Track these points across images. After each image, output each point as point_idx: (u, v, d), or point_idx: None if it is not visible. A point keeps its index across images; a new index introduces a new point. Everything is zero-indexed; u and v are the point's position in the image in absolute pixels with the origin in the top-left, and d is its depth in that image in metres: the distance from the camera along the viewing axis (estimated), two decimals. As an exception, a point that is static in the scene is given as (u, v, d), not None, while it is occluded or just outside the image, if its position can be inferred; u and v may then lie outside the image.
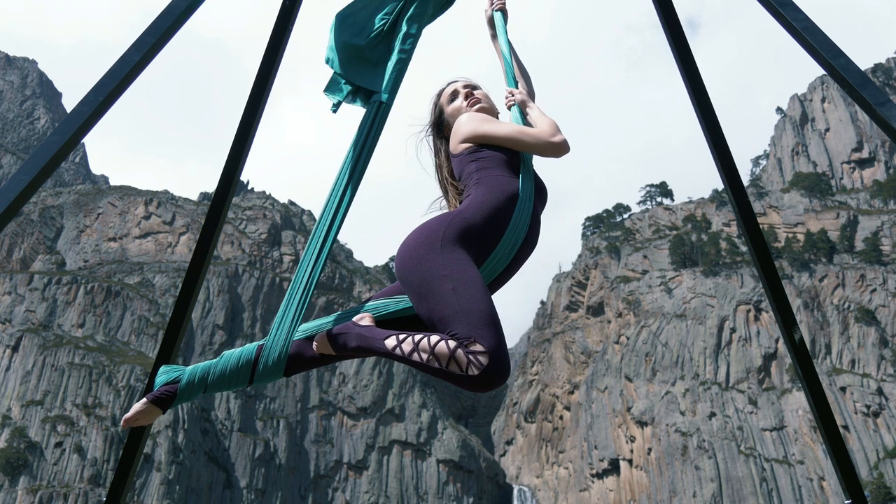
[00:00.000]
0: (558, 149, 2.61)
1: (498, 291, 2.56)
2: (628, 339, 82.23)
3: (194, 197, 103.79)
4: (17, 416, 63.82)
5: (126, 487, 2.78)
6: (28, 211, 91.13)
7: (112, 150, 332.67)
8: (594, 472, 76.94)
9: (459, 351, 2.12)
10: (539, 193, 2.63)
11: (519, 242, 2.47)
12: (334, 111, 3.02)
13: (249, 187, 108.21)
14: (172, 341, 2.81)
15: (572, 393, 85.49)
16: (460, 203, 2.59)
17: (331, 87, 3.03)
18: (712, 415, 71.71)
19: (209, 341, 77.41)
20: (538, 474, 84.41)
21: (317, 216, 2.77)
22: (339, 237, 2.71)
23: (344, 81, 2.99)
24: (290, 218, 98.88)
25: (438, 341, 2.16)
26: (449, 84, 2.95)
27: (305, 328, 2.51)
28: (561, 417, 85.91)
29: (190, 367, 2.50)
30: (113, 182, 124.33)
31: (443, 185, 2.84)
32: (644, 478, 72.66)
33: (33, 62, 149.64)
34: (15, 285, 76.80)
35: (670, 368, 77.25)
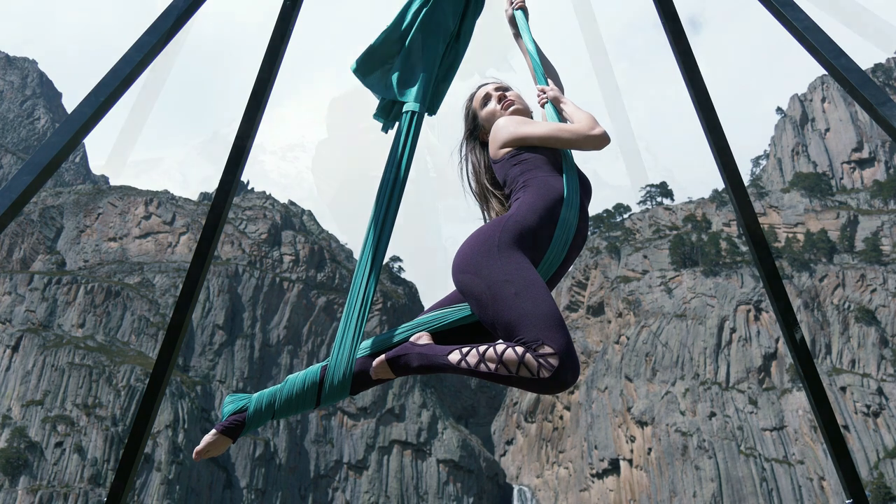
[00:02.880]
0: (599, 141, 2.58)
1: None
2: (628, 339, 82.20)
3: (194, 197, 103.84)
4: (17, 416, 63.82)
5: (126, 487, 2.78)
6: (28, 211, 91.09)
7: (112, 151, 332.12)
8: (594, 471, 76.90)
9: (528, 355, 2.12)
10: (584, 187, 2.62)
11: (570, 239, 2.47)
12: (385, 132, 3.03)
13: (249, 187, 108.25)
14: (173, 341, 2.82)
15: (572, 393, 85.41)
16: (508, 208, 2.59)
17: (379, 113, 3.03)
18: (712, 415, 71.69)
19: (209, 341, 77.37)
20: (538, 474, 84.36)
21: (364, 229, 2.75)
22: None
23: (384, 101, 2.98)
24: (290, 218, 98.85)
25: (505, 349, 2.16)
26: (479, 88, 2.92)
27: (366, 345, 2.51)
28: (561, 417, 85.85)
29: (256, 395, 2.49)
30: (113, 182, 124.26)
31: (483, 192, 2.81)
32: (644, 478, 72.62)
33: (33, 62, 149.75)
34: (15, 285, 76.78)
35: (670, 368, 77.22)
